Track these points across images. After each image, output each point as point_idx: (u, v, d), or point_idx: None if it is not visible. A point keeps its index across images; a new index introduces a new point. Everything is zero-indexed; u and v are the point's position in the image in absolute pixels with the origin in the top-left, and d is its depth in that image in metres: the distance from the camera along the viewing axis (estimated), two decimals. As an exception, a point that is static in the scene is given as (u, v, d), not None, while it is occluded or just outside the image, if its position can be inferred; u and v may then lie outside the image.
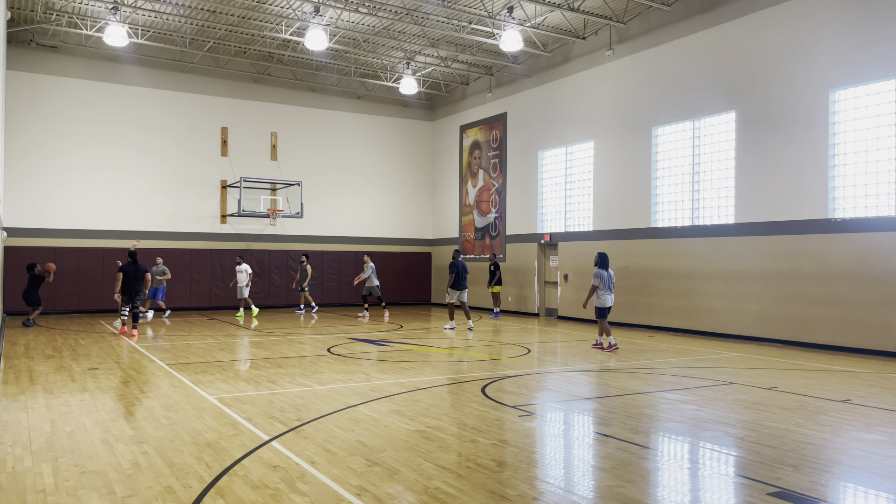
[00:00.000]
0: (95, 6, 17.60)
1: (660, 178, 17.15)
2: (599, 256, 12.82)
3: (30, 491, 4.75)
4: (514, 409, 7.55)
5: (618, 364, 11.14)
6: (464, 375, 9.80)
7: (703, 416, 7.30)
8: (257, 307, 20.62)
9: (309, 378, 9.42)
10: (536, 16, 18.03)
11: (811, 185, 13.65)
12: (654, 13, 17.24)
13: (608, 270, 12.72)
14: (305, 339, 14.43)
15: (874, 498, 4.98)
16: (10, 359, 11.20)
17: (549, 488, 4.95)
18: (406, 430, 6.51)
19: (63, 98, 20.21)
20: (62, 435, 6.28)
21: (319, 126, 24.17)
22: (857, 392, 8.79)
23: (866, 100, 12.97)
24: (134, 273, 14.80)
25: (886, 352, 12.36)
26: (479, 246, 23.68)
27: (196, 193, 22.06)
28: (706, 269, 15.68)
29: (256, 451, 5.75)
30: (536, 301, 21.01)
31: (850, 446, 6.18)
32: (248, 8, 17.55)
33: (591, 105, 19.14)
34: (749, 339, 14.65)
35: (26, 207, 19.63)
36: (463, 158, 24.77)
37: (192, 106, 22.07)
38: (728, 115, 15.48)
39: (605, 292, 12.60)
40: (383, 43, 20.52)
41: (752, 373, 10.36)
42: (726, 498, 4.87)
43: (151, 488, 4.80)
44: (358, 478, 5.06)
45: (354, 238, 24.71)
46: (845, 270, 13.02)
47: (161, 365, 10.57)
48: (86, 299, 19.92)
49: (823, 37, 13.56)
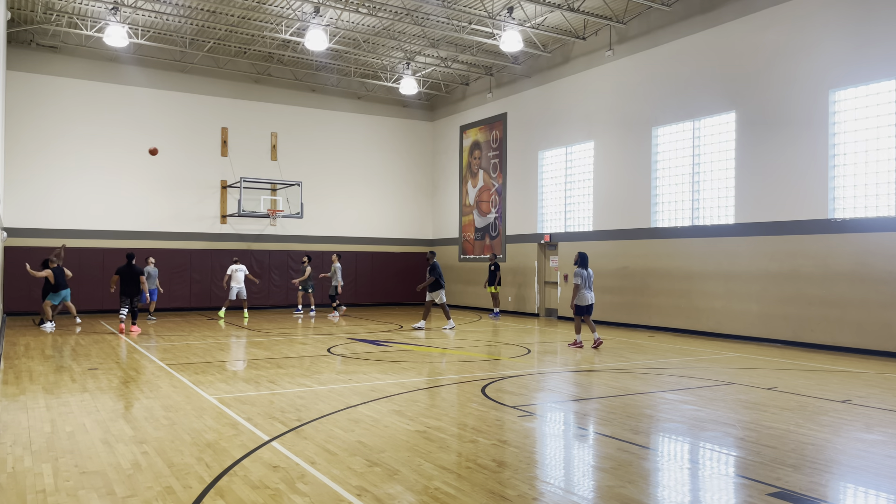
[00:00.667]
0: (95, 6, 17.60)
1: (660, 178, 17.15)
2: (579, 256, 13.12)
3: (30, 491, 4.75)
4: (514, 410, 7.55)
5: (618, 364, 11.13)
6: (464, 375, 9.80)
7: (703, 417, 7.30)
8: (255, 307, 20.59)
9: (309, 378, 9.42)
10: (536, 16, 18.03)
11: (811, 185, 13.65)
12: (653, 13, 17.24)
13: (588, 269, 13.06)
14: (305, 339, 14.43)
15: (874, 498, 4.98)
16: (10, 359, 11.20)
17: (549, 488, 4.95)
18: (406, 430, 6.51)
19: (63, 98, 20.21)
20: (62, 435, 6.28)
21: (319, 126, 24.18)
22: (857, 392, 8.79)
23: (866, 100, 12.97)
24: (129, 274, 15.21)
25: (886, 352, 12.36)
26: (479, 246, 23.68)
27: (196, 194, 22.07)
28: (706, 270, 15.68)
29: (256, 451, 5.75)
30: (536, 301, 21.01)
31: (850, 446, 6.18)
32: (248, 8, 17.55)
33: (591, 105, 19.14)
34: (749, 339, 14.65)
35: (26, 207, 19.64)
36: (463, 158, 24.77)
37: (192, 106, 22.07)
38: (728, 116, 15.49)
39: (585, 290, 12.93)
40: (383, 43, 20.52)
41: (752, 373, 10.36)
42: (726, 498, 4.87)
43: (151, 488, 4.80)
44: (358, 478, 5.06)
45: (354, 238, 24.72)
46: (845, 271, 13.02)
47: (161, 365, 10.57)
48: (86, 299, 19.89)
49: (823, 37, 13.56)
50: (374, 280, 24.80)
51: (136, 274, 15.24)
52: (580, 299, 12.93)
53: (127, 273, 15.22)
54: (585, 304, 12.97)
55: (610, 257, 18.16)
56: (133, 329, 15.35)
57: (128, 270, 15.24)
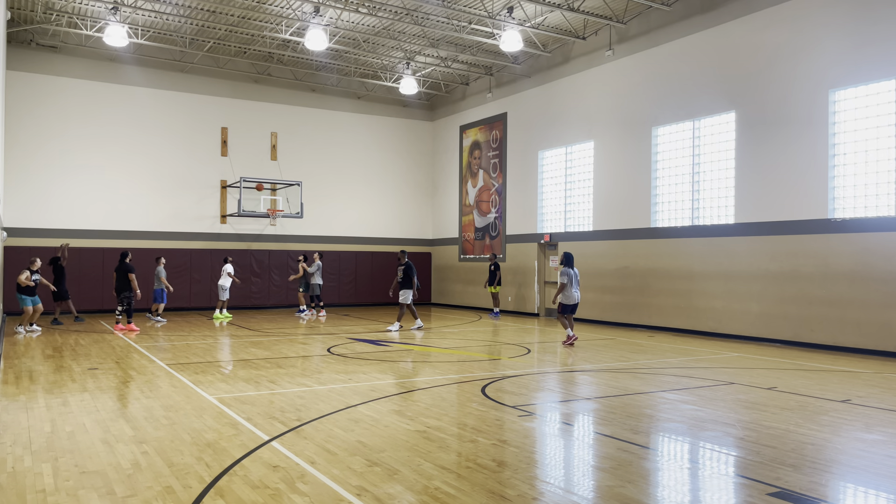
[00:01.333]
0: (95, 6, 17.60)
1: (660, 178, 17.15)
2: (565, 256, 13.46)
3: (30, 491, 4.75)
4: (514, 409, 7.55)
5: (618, 364, 11.13)
6: (464, 375, 9.80)
7: (703, 416, 7.30)
8: (255, 308, 20.58)
9: (309, 378, 9.42)
10: (536, 16, 18.03)
11: (811, 185, 13.65)
12: (654, 13, 17.24)
13: (574, 269, 13.32)
14: (305, 339, 14.43)
15: (874, 498, 4.98)
16: (10, 359, 11.20)
17: (549, 488, 4.95)
18: (406, 430, 6.51)
19: (63, 98, 20.21)
20: (62, 435, 6.28)
21: (319, 126, 24.18)
22: (857, 392, 8.78)
23: (866, 100, 12.97)
24: (119, 272, 15.68)
25: (886, 352, 12.36)
26: (478, 246, 23.68)
27: (196, 193, 22.06)
28: (706, 270, 15.68)
29: (256, 451, 5.75)
30: (536, 301, 21.01)
31: (850, 446, 6.18)
32: (248, 8, 17.55)
33: (591, 105, 19.14)
34: (749, 339, 14.64)
35: (26, 207, 19.64)
36: (463, 158, 24.77)
37: (192, 106, 22.07)
38: (728, 116, 15.48)
39: (572, 289, 13.21)
40: (383, 43, 20.52)
41: (752, 373, 10.36)
42: (726, 498, 4.87)
43: (151, 488, 4.80)
44: (358, 478, 5.06)
45: (354, 238, 24.71)
46: (845, 270, 13.02)
47: (161, 365, 10.57)
48: (86, 299, 19.91)
49: (823, 37, 13.56)
50: (373, 280, 24.78)
51: (123, 272, 15.57)
52: (567, 298, 13.23)
53: (118, 270, 15.67)
54: (572, 304, 13.28)
55: (610, 257, 18.16)
56: (130, 328, 15.36)
57: (118, 268, 15.70)
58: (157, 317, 18.24)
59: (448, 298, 25.21)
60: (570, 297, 13.21)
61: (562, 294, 13.24)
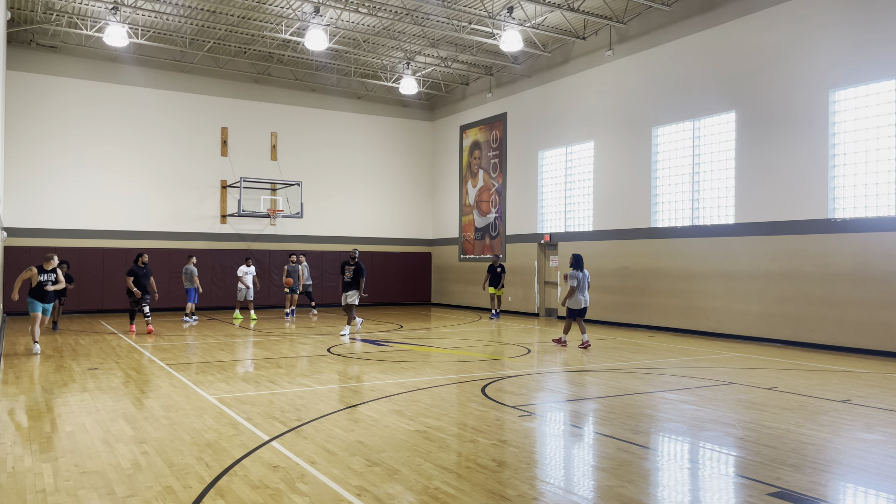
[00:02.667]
0: (95, 6, 17.60)
1: (660, 178, 17.15)
2: (574, 258, 13.09)
3: (30, 491, 4.75)
4: (514, 409, 7.55)
5: (618, 364, 11.13)
6: (464, 375, 9.80)
7: (703, 416, 7.30)
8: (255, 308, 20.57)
9: (309, 378, 9.42)
10: (536, 16, 18.03)
11: (811, 185, 13.65)
12: (653, 13, 17.24)
13: (584, 271, 13.00)
14: (305, 339, 14.43)
15: (874, 498, 4.98)
16: (10, 359, 11.20)
17: (549, 488, 4.95)
18: (406, 430, 6.51)
19: (63, 98, 20.21)
20: (62, 435, 6.28)
21: (319, 126, 24.17)
22: (857, 392, 8.78)
23: (866, 100, 12.97)
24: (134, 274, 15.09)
25: (886, 352, 12.36)
26: (479, 246, 23.68)
27: (196, 193, 22.06)
28: (706, 269, 15.68)
29: (256, 451, 5.75)
30: (536, 301, 21.01)
31: (850, 446, 6.18)
32: (248, 8, 17.55)
33: (591, 105, 19.14)
34: (749, 339, 14.64)
35: (26, 207, 19.64)
36: (463, 158, 24.77)
37: (192, 106, 22.07)
38: (728, 115, 15.48)
39: (579, 294, 12.92)
40: (383, 43, 20.52)
41: (752, 373, 10.36)
42: (726, 498, 4.87)
43: (151, 488, 4.80)
44: (358, 478, 5.06)
45: (354, 238, 24.70)
46: (845, 270, 13.02)
47: (161, 365, 10.57)
48: (86, 299, 19.92)
49: (823, 37, 13.56)
50: (373, 280, 24.72)
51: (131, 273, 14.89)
52: (574, 303, 12.96)
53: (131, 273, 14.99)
54: (579, 308, 13.00)
55: (610, 257, 18.15)
56: (131, 329, 15.37)
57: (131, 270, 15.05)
58: (192, 318, 17.67)
59: (448, 298, 25.20)
60: (576, 302, 12.91)
61: (570, 298, 12.96)
